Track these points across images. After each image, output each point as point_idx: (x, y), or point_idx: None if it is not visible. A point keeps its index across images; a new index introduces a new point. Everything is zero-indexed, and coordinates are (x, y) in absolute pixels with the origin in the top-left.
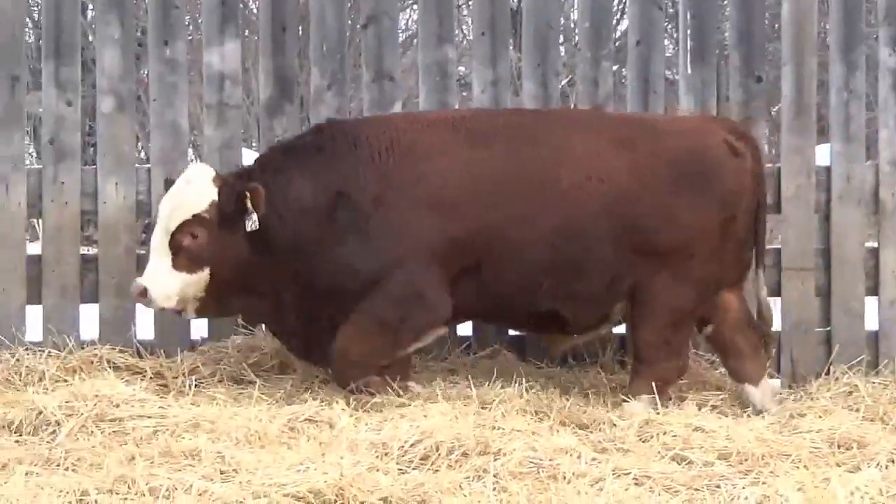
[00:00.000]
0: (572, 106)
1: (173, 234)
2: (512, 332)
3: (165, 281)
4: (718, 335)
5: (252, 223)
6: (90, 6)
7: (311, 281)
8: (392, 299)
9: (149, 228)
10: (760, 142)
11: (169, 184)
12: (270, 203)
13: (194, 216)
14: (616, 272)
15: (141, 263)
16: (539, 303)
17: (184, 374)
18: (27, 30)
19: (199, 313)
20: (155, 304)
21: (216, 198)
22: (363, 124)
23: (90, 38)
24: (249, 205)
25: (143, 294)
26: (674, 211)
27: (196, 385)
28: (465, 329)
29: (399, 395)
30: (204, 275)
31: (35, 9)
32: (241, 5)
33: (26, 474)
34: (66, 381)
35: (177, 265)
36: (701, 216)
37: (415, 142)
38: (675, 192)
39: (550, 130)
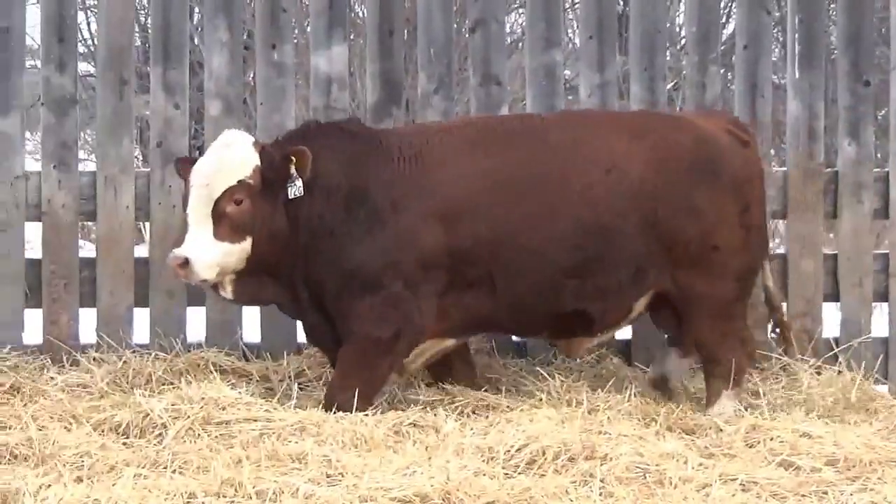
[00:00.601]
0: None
1: (217, 201)
2: (618, 337)
3: (207, 250)
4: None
5: (296, 189)
6: (197, 9)
7: (321, 272)
8: (384, 314)
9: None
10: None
11: None
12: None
13: (239, 182)
14: (639, 263)
15: None
16: (564, 304)
17: (289, 378)
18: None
19: (236, 294)
20: (195, 276)
21: (259, 163)
22: (382, 130)
23: (195, 41)
24: (293, 169)
25: (184, 265)
26: (690, 202)
27: (301, 388)
28: None
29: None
30: (246, 245)
31: (142, 12)
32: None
33: (134, 476)
34: (172, 384)
35: (218, 234)
36: (717, 206)
37: (429, 149)
38: (689, 183)
39: (562, 130)
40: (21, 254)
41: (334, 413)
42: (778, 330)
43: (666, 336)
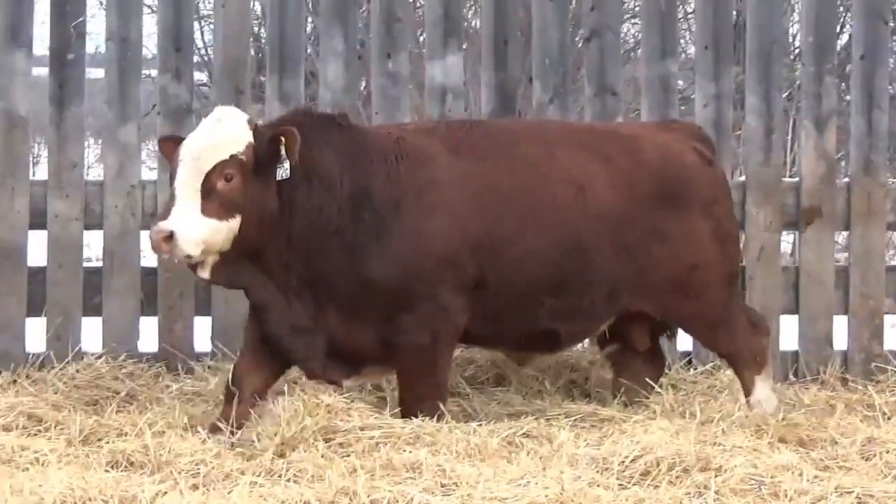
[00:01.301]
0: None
1: (207, 175)
2: None
3: (194, 225)
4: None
5: (284, 171)
6: (310, 19)
7: (322, 276)
8: (420, 321)
9: None
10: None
11: None
12: (302, 163)
13: (231, 157)
14: (613, 285)
15: None
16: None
17: None
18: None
19: (214, 275)
20: (179, 252)
21: (252, 140)
22: (367, 129)
23: (308, 51)
24: (283, 150)
25: (168, 239)
26: (658, 225)
27: None
28: (685, 344)
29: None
30: (234, 224)
31: (255, 22)
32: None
33: (250, 485)
34: (285, 393)
35: (206, 210)
36: (685, 228)
37: (417, 149)
38: (656, 207)
39: (535, 143)
40: (137, 262)
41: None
42: None
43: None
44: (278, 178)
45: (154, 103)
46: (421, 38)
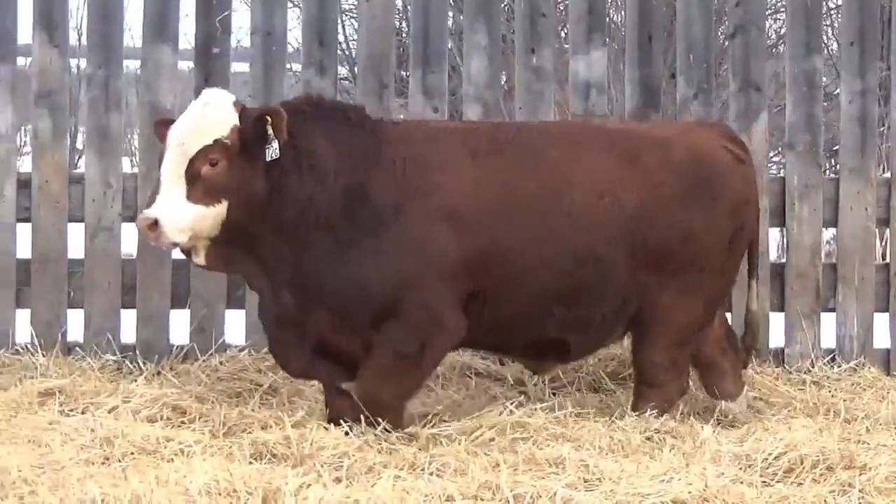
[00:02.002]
0: None
1: (191, 161)
2: (877, 346)
3: (178, 211)
4: (699, 353)
5: (272, 151)
6: (452, 14)
7: (312, 276)
8: (409, 328)
9: None
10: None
11: None
12: (295, 149)
13: (215, 141)
14: (625, 294)
15: None
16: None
17: (543, 382)
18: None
19: (209, 260)
20: (165, 238)
21: (238, 122)
22: (381, 123)
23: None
24: (270, 130)
25: (153, 227)
26: (685, 226)
27: (555, 393)
28: (828, 341)
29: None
30: (220, 209)
31: (396, 17)
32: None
33: (393, 478)
34: (429, 386)
35: (192, 196)
36: (712, 230)
37: (430, 152)
38: (685, 207)
39: (558, 146)
40: None
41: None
42: (744, 353)
43: (705, 388)
44: (267, 158)
45: None
46: (563, 34)
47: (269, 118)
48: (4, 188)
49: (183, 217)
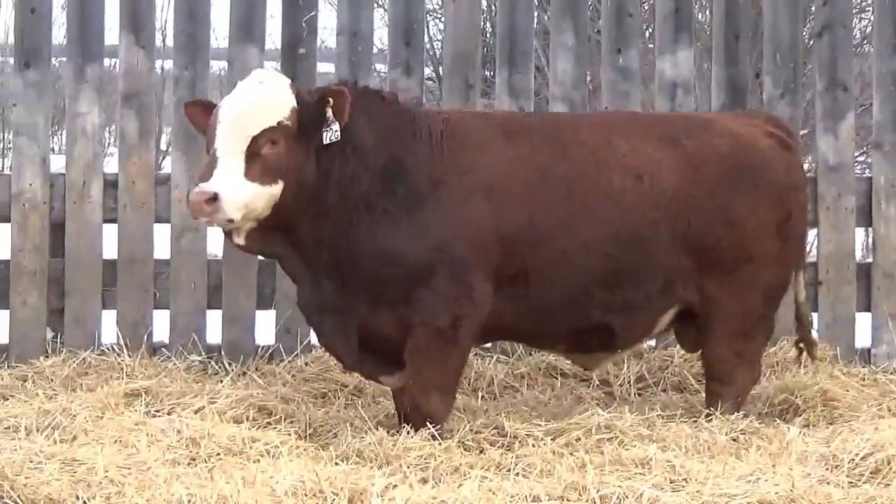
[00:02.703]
0: None
1: (254, 139)
2: None
3: (238, 188)
4: None
5: (332, 134)
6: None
7: (348, 251)
8: (442, 300)
9: None
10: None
11: None
12: (341, 132)
13: (278, 123)
14: (668, 276)
15: None
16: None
17: (629, 383)
18: None
19: (248, 242)
20: (221, 215)
21: (296, 104)
22: (417, 108)
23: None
24: (330, 112)
25: (211, 201)
26: (727, 211)
27: (640, 393)
28: None
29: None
30: (276, 190)
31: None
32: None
33: (479, 479)
34: (514, 387)
35: (249, 174)
36: (756, 215)
37: (466, 131)
38: (727, 191)
39: (595, 131)
40: None
41: (426, 423)
42: (802, 345)
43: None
44: (326, 141)
45: None
46: (648, 33)
47: (330, 100)
48: (91, 189)
49: (242, 194)
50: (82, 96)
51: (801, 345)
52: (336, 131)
